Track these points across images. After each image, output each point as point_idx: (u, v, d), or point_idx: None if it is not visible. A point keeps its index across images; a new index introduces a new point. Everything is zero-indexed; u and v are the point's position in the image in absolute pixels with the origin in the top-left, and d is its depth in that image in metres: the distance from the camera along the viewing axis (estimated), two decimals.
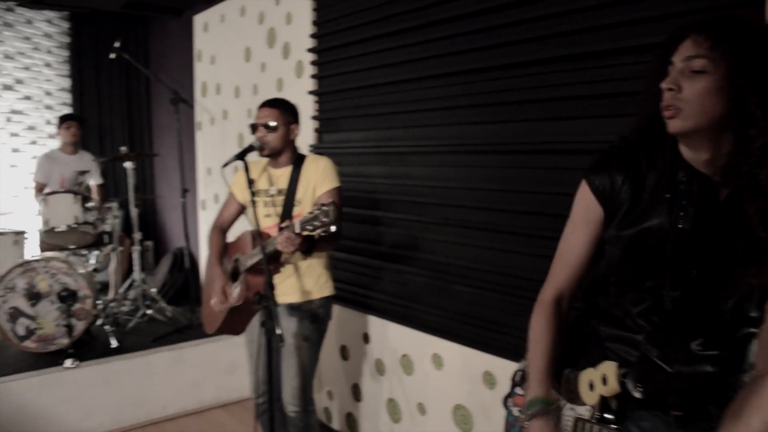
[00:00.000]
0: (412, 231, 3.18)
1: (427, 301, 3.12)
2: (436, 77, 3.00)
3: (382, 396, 3.41)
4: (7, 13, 5.92)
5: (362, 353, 3.53)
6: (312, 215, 2.27)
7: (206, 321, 2.93)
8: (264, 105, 2.74)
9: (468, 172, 2.88)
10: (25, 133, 6.14)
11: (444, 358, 2.99)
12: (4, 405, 3.57)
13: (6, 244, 4.47)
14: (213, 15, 4.92)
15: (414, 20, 3.08)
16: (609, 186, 1.44)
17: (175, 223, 6.48)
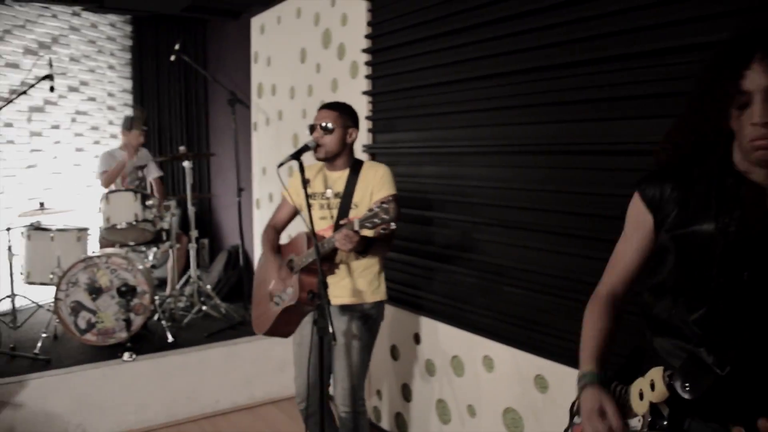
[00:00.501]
0: (464, 231, 3.16)
1: (478, 303, 3.10)
2: (489, 77, 2.98)
3: (431, 397, 3.40)
4: (73, 17, 6.14)
5: (413, 353, 3.52)
6: (372, 213, 2.26)
7: (257, 322, 2.94)
8: (324, 107, 2.75)
9: (520, 173, 2.85)
10: (88, 133, 6.35)
11: (495, 360, 2.96)
12: (66, 395, 3.70)
13: (70, 240, 4.62)
14: (270, 17, 4.99)
15: (467, 20, 3.06)
16: (659, 194, 1.48)
17: (230, 221, 6.60)
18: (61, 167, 6.05)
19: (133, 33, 6.69)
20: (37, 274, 4.58)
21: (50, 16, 5.93)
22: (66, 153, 6.12)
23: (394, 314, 3.63)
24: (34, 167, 5.81)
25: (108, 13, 6.34)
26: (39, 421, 3.61)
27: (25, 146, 5.75)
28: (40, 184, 5.83)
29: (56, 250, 4.52)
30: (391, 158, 3.65)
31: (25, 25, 5.73)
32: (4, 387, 3.55)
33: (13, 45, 5.62)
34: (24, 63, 5.67)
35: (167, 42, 6.66)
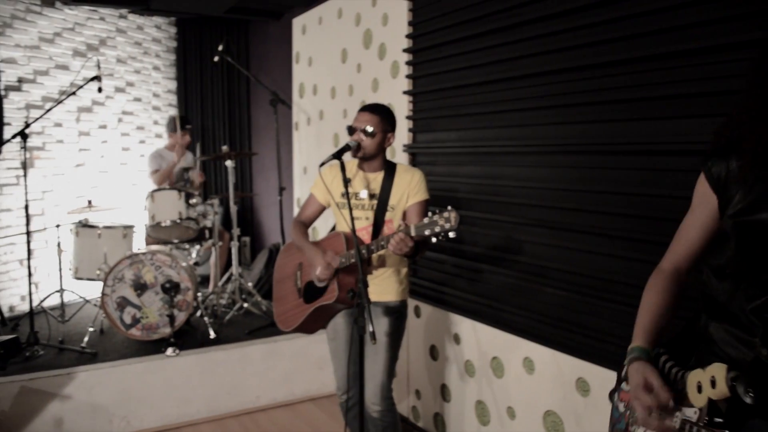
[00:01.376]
0: (505, 232, 3.14)
1: (519, 304, 3.07)
2: (529, 77, 2.95)
3: (470, 398, 3.39)
4: (120, 19, 6.28)
5: (452, 354, 3.52)
6: (431, 220, 2.29)
7: (281, 319, 2.94)
8: (365, 109, 2.77)
9: (560, 173, 2.82)
10: (134, 132, 6.49)
11: (535, 362, 2.94)
12: (111, 388, 3.79)
13: (116, 237, 4.74)
14: (311, 18, 5.03)
15: (507, 20, 3.04)
16: (724, 173, 1.44)
17: (271, 220, 6.68)
18: (107, 166, 6.20)
19: (178, 34, 6.82)
20: (84, 269, 4.71)
21: (98, 19, 6.08)
22: (113, 152, 6.26)
23: (434, 314, 3.62)
24: (82, 166, 5.96)
25: (154, 15, 6.48)
26: (85, 413, 3.71)
27: (73, 145, 5.90)
28: (88, 182, 5.98)
29: (103, 247, 4.64)
30: (430, 158, 3.65)
31: (74, 28, 5.89)
32: (53, 379, 3.66)
33: (62, 47, 5.78)
34: (73, 65, 5.83)
35: (211, 43, 6.79)
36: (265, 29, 6.67)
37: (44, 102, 5.58)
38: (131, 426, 3.83)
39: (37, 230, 5.44)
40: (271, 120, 5.57)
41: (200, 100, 6.93)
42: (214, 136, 6.99)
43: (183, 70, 6.85)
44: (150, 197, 4.65)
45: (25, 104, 5.45)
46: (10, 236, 5.32)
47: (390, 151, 3.79)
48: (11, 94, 5.33)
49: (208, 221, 4.92)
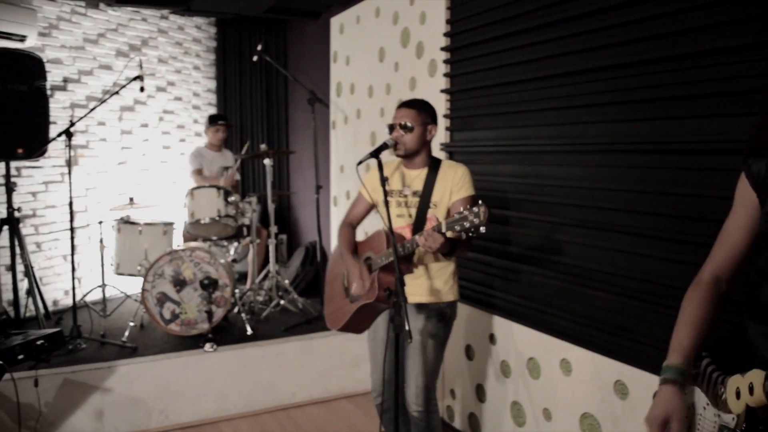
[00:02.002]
0: (543, 232, 3.11)
1: (556, 305, 3.04)
2: (570, 74, 2.91)
3: (506, 398, 3.36)
4: (161, 20, 6.39)
5: (488, 354, 3.49)
6: (461, 216, 2.25)
7: (330, 318, 2.96)
8: (402, 105, 2.76)
9: (604, 172, 2.77)
10: (174, 131, 6.60)
11: (573, 363, 2.90)
12: (150, 382, 3.85)
13: (156, 233, 4.83)
14: (349, 17, 5.05)
15: (545, 17, 3.01)
16: (764, 170, 1.40)
17: (308, 218, 6.72)
18: (148, 164, 6.32)
19: (218, 35, 6.91)
20: (125, 265, 4.81)
21: (140, 20, 6.19)
22: (154, 150, 6.38)
23: (470, 314, 3.61)
24: (124, 164, 6.08)
25: (194, 15, 6.58)
26: (125, 405, 3.78)
27: (116, 144, 6.02)
28: (130, 179, 6.10)
29: (144, 243, 4.73)
30: (468, 156, 3.63)
31: (117, 29, 6.01)
32: (95, 372, 3.74)
33: (106, 48, 5.90)
34: (116, 64, 5.94)
35: (249, 43, 6.87)
36: (303, 29, 6.72)
37: (88, 101, 5.71)
38: (169, 419, 3.89)
39: (80, 226, 5.57)
40: (308, 119, 5.60)
41: (239, 99, 7.01)
42: (252, 134, 7.07)
43: (222, 70, 6.94)
44: (190, 195, 4.72)
45: (70, 103, 5.58)
46: (54, 232, 5.46)
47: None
48: (57, 93, 5.46)
49: (246, 219, 4.97)
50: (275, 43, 7.06)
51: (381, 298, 2.60)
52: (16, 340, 2.77)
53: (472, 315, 3.58)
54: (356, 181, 4.83)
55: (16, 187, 4.67)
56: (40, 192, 5.35)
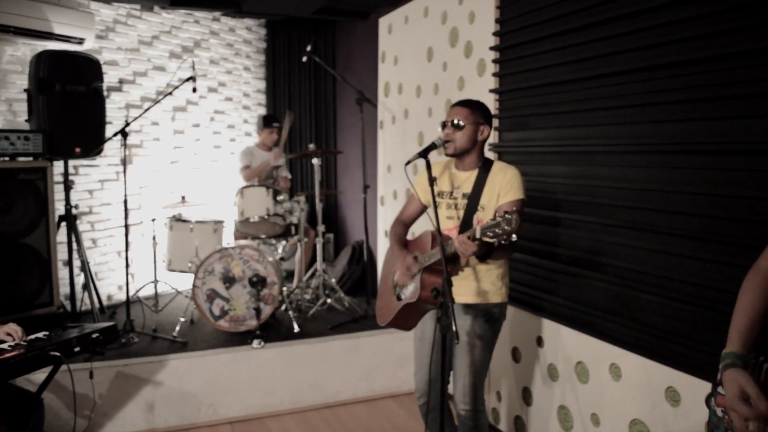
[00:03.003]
0: (595, 234, 3.05)
1: (607, 308, 2.98)
2: (622, 73, 2.85)
3: (553, 402, 3.31)
4: (213, 22, 6.51)
5: (535, 357, 3.45)
6: (494, 222, 2.22)
7: (380, 313, 2.98)
8: (455, 104, 2.75)
9: (660, 174, 2.70)
10: (225, 131, 6.71)
11: (623, 368, 2.84)
12: (200, 376, 3.93)
13: (207, 231, 4.92)
14: (397, 17, 5.05)
15: (598, 15, 2.96)
16: None
17: (355, 217, 6.75)
18: (200, 163, 6.44)
19: (267, 36, 7.00)
20: (177, 262, 4.91)
21: (193, 22, 6.32)
22: (205, 150, 6.50)
23: (517, 316, 3.57)
24: (176, 163, 6.22)
25: (245, 17, 6.68)
26: (175, 399, 3.86)
27: (168, 143, 6.16)
28: (182, 178, 6.23)
29: (195, 241, 4.83)
30: (518, 157, 3.59)
31: (171, 31, 6.14)
32: (146, 366, 3.83)
33: (160, 50, 6.04)
34: (169, 66, 6.08)
35: (299, 44, 6.94)
36: (352, 29, 6.75)
37: (142, 102, 5.85)
38: (217, 414, 3.96)
39: (134, 224, 5.71)
40: (356, 118, 5.62)
41: (288, 99, 7.09)
42: (300, 134, 7.14)
43: (272, 71, 7.02)
44: (240, 193, 4.80)
45: (125, 104, 5.73)
46: (109, 229, 5.61)
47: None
48: (113, 94, 5.61)
49: (295, 218, 5.03)
50: (324, 43, 7.11)
51: (425, 298, 2.59)
52: (73, 333, 2.85)
53: (520, 317, 3.55)
54: (404, 181, 4.84)
55: (73, 185, 4.82)
56: (96, 190, 5.51)
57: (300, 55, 6.14)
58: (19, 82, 4.77)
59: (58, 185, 4.61)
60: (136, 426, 3.79)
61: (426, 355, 2.85)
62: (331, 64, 7.03)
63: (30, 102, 4.47)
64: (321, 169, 5.12)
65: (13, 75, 4.76)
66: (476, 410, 2.79)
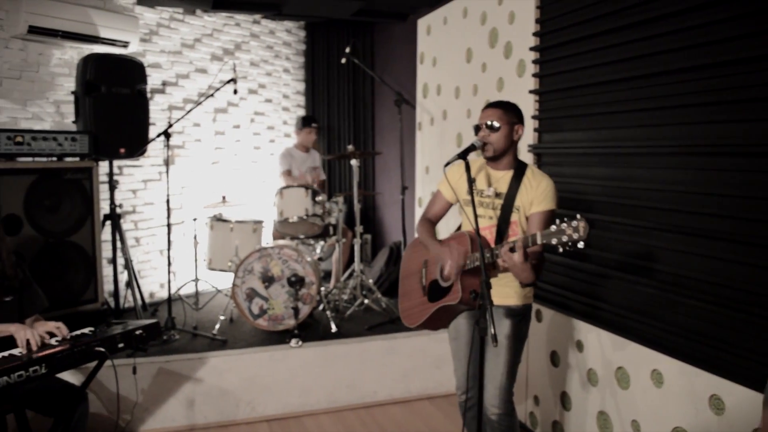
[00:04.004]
0: (636, 237, 3.00)
1: (649, 313, 2.93)
2: (665, 74, 2.80)
3: (592, 408, 3.27)
4: (253, 25, 6.59)
5: (574, 361, 3.41)
6: (558, 228, 2.18)
7: (406, 314, 2.96)
8: (488, 106, 2.73)
9: (701, 176, 2.65)
10: (265, 132, 6.79)
11: (665, 375, 2.79)
12: (238, 374, 3.98)
13: (247, 231, 4.98)
14: (436, 18, 5.05)
15: (640, 15, 2.91)
16: None
17: (392, 218, 6.76)
18: (240, 164, 6.52)
19: (307, 38, 7.06)
20: (217, 261, 4.98)
21: (234, 25, 6.41)
22: (245, 150, 6.58)
23: (556, 319, 3.53)
24: (217, 163, 6.31)
25: (285, 19, 6.75)
26: (214, 396, 3.92)
27: (210, 144, 6.25)
28: (222, 178, 6.32)
29: (235, 240, 4.89)
30: (557, 158, 3.56)
31: (213, 34, 6.24)
32: (187, 362, 3.90)
33: (201, 52, 6.14)
34: (211, 68, 6.17)
35: (337, 45, 6.98)
36: (390, 30, 6.76)
37: (185, 103, 5.96)
38: (255, 411, 4.00)
39: (176, 223, 5.81)
40: (394, 120, 5.63)
41: (327, 100, 7.14)
42: (339, 135, 7.18)
43: (311, 72, 7.08)
44: (279, 194, 4.84)
45: (168, 105, 5.84)
46: (152, 228, 5.72)
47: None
48: (156, 96, 5.72)
49: (333, 218, 5.06)
50: (362, 45, 7.14)
51: (465, 300, 2.59)
52: (117, 330, 2.91)
53: (559, 321, 3.51)
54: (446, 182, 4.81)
55: (118, 185, 4.94)
56: (139, 189, 5.63)
57: (339, 57, 6.17)
58: (67, 84, 4.90)
59: (104, 185, 4.73)
60: (176, 422, 3.86)
61: (464, 354, 2.85)
62: (370, 66, 7.05)
63: (77, 104, 4.59)
64: (359, 170, 5.14)
65: (60, 78, 4.89)
66: (507, 414, 2.77)
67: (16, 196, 3.92)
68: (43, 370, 2.52)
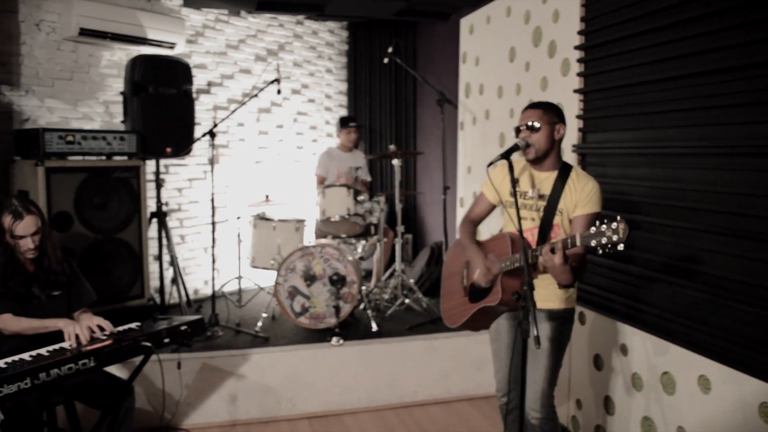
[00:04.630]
0: (682, 239, 2.93)
1: (696, 317, 2.86)
2: (713, 72, 2.73)
3: (636, 413, 3.21)
4: (297, 25, 6.66)
5: (618, 365, 3.35)
6: (598, 230, 2.16)
7: (447, 315, 2.96)
8: (527, 108, 2.70)
9: (750, 177, 2.57)
10: (307, 132, 6.85)
11: (713, 381, 2.72)
12: (280, 371, 4.02)
13: (289, 230, 5.03)
14: (479, 17, 5.02)
15: (689, 12, 2.84)
16: None
17: (434, 218, 6.75)
18: (283, 163, 6.59)
19: (349, 38, 7.10)
20: (260, 259, 5.05)
21: (277, 26, 6.48)
22: (288, 150, 6.65)
23: (599, 322, 3.48)
24: (260, 163, 6.39)
25: (328, 20, 6.79)
26: (256, 392, 3.97)
27: (253, 143, 6.33)
28: (266, 177, 6.39)
29: (277, 239, 4.94)
30: (601, 158, 3.50)
31: (257, 35, 6.32)
32: (230, 359, 3.96)
33: (246, 53, 6.22)
34: (255, 69, 6.25)
35: (380, 45, 7.00)
36: (432, 30, 6.75)
37: (229, 103, 6.05)
38: (296, 408, 4.04)
39: (220, 221, 5.90)
40: (436, 120, 5.62)
41: (369, 100, 7.16)
42: (381, 135, 7.20)
43: (353, 72, 7.11)
44: (321, 193, 4.88)
45: (212, 106, 5.93)
46: (197, 226, 5.82)
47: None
48: (201, 96, 5.82)
49: (374, 218, 5.07)
50: (405, 45, 7.15)
51: (506, 302, 2.57)
52: (162, 325, 2.98)
53: (601, 323, 3.46)
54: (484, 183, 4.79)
55: (164, 183, 5.04)
56: (185, 188, 5.73)
57: (381, 57, 6.18)
58: (116, 85, 5.02)
59: (150, 183, 4.83)
60: (219, 417, 3.92)
61: (505, 355, 2.83)
62: (412, 66, 7.05)
63: (125, 104, 4.71)
64: (401, 170, 5.14)
65: (109, 78, 5.01)
66: (548, 418, 2.74)
67: (67, 193, 4.03)
68: (92, 364, 2.59)
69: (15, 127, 4.37)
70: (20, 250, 2.92)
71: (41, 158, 3.91)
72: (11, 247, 2.91)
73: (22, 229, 2.88)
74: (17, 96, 4.42)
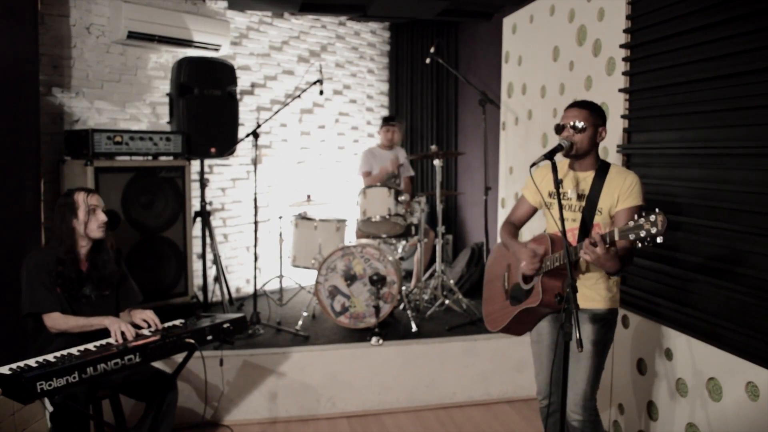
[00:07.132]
0: (730, 241, 2.86)
1: (744, 322, 2.78)
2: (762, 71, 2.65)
3: (681, 419, 3.13)
4: (339, 26, 6.69)
5: (662, 370, 3.28)
6: (636, 224, 2.13)
7: (489, 319, 2.94)
8: (572, 106, 2.68)
9: None
10: (349, 132, 6.88)
11: (761, 388, 2.64)
12: (320, 370, 4.05)
13: (330, 229, 5.06)
14: (522, 16, 4.97)
15: (737, 9, 2.76)
16: None
17: (474, 219, 6.71)
18: (324, 163, 6.64)
19: (391, 38, 7.11)
20: (301, 258, 5.10)
21: (320, 27, 6.53)
22: (329, 150, 6.69)
23: (643, 326, 3.41)
24: (302, 163, 6.44)
25: (370, 21, 6.81)
26: (296, 390, 4.01)
27: (296, 144, 6.39)
28: (307, 178, 6.44)
29: (318, 238, 4.99)
30: (646, 159, 3.43)
31: (299, 36, 6.38)
32: (271, 357, 4.00)
33: (288, 54, 6.28)
34: (297, 70, 6.31)
35: (421, 46, 6.99)
36: (475, 30, 6.71)
37: (272, 104, 6.12)
38: (336, 407, 4.07)
39: (262, 220, 5.98)
40: (477, 120, 5.58)
41: (410, 100, 7.16)
42: (422, 135, 7.19)
43: (395, 73, 7.12)
44: (362, 193, 4.90)
45: (256, 106, 6.01)
46: (239, 225, 5.90)
47: (602, 152, 3.63)
48: (245, 97, 5.90)
49: (415, 218, 5.07)
50: (446, 45, 7.12)
51: (547, 303, 2.54)
52: (206, 322, 3.03)
53: (647, 327, 3.39)
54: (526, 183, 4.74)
55: (208, 183, 5.12)
56: (228, 188, 5.82)
57: (422, 57, 6.18)
58: (162, 86, 5.12)
59: (195, 183, 4.91)
60: (259, 414, 3.97)
61: (546, 357, 2.80)
62: (454, 66, 7.03)
63: (171, 105, 4.81)
64: (442, 170, 5.13)
65: (156, 80, 5.12)
66: (590, 420, 2.69)
67: (115, 193, 4.14)
68: (137, 359, 2.65)
69: (65, 128, 4.50)
70: (93, 227, 2.98)
71: (90, 158, 4.02)
72: (74, 236, 2.97)
73: (97, 199, 3.00)
74: (68, 98, 4.55)
